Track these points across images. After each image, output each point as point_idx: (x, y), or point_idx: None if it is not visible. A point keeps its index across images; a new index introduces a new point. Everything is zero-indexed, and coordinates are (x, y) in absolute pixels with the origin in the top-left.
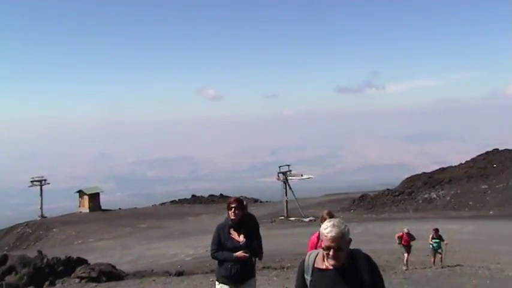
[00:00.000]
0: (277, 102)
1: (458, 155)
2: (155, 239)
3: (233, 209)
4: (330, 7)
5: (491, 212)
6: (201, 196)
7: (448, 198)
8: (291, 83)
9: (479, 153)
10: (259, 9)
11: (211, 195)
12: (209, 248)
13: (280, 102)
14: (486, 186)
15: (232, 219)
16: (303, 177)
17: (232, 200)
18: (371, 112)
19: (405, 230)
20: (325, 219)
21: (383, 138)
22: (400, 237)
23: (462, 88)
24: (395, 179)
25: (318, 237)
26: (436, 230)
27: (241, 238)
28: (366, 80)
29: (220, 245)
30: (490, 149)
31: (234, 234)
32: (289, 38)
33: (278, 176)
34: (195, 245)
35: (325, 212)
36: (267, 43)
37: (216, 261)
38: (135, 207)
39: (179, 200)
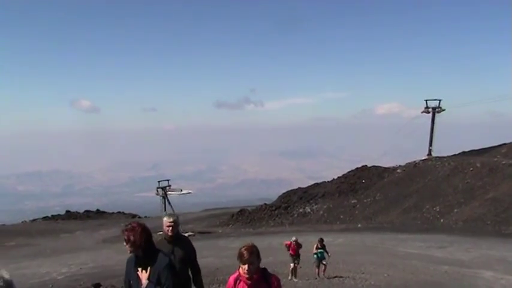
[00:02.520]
0: (156, 116)
1: (331, 170)
2: (24, 258)
3: (126, 235)
4: (208, 21)
5: (359, 225)
6: (76, 212)
7: (321, 212)
8: (170, 96)
9: (350, 169)
10: (138, 17)
11: (87, 211)
12: (84, 266)
13: (159, 115)
14: (355, 201)
15: (129, 250)
16: (182, 192)
17: (127, 228)
18: (250, 128)
19: (293, 239)
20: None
21: (262, 154)
22: (288, 246)
23: (335, 107)
24: (272, 193)
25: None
26: (321, 240)
27: (144, 279)
28: (244, 95)
29: (129, 285)
30: (359, 165)
31: (140, 272)
32: (168, 48)
33: (157, 190)
34: (68, 263)
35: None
36: (145, 53)
37: None
38: (3, 224)
39: (52, 216)
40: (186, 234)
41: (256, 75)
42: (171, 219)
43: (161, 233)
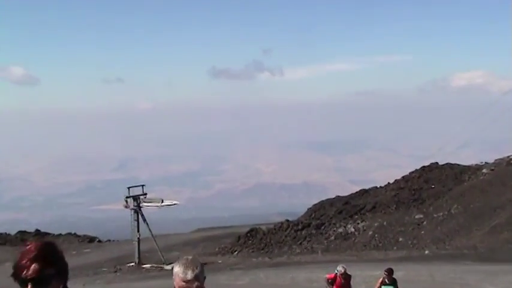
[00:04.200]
0: (124, 90)
1: (384, 170)
2: None
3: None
4: None
5: (426, 252)
6: (5, 233)
7: (371, 232)
8: (144, 61)
9: (412, 169)
10: None
11: (20, 232)
12: None
13: (128, 89)
14: (421, 216)
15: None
16: (164, 203)
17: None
18: (263, 107)
19: (340, 269)
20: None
21: (281, 146)
22: (332, 280)
23: (390, 76)
24: (298, 205)
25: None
26: (390, 272)
27: None
28: (254, 59)
29: None
30: (427, 162)
31: None
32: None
33: (126, 201)
34: None
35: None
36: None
37: None
38: None
39: None
40: (170, 267)
41: (272, 29)
42: (189, 275)
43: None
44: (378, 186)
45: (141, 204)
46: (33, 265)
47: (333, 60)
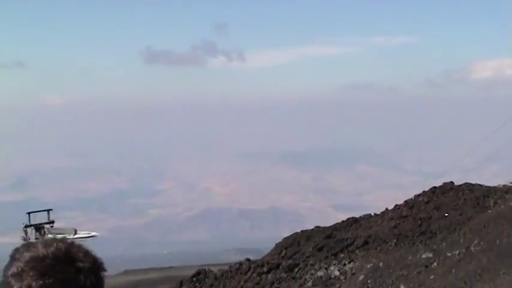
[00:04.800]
0: (25, 77)
1: (381, 193)
2: None
3: None
4: None
5: None
6: None
7: (362, 277)
8: (52, 40)
9: (419, 191)
10: None
11: None
12: None
13: (31, 76)
14: (430, 255)
15: None
16: (79, 235)
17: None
18: (217, 104)
19: None
20: None
21: (241, 157)
22: None
23: (390, 64)
24: (263, 238)
25: None
26: None
27: None
28: (203, 39)
29: None
30: (438, 182)
31: None
32: None
33: (26, 232)
34: None
35: None
36: None
37: None
38: None
39: None
40: None
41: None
42: None
43: None
44: (373, 214)
45: (46, 236)
46: None
47: (314, 42)
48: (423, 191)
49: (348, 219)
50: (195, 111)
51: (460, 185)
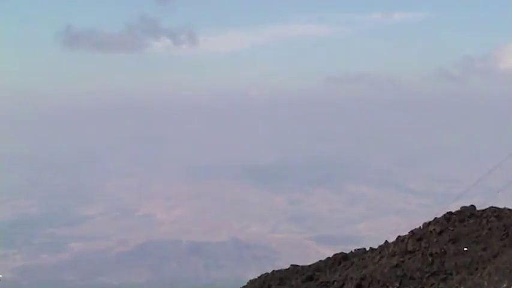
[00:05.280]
0: None
1: (379, 220)
2: None
3: None
4: None
5: None
6: None
7: None
8: None
9: (429, 217)
10: None
11: None
12: None
13: None
14: None
15: None
16: None
17: None
18: (160, 101)
19: None
20: None
21: (193, 171)
22: None
23: (389, 49)
24: (221, 279)
25: None
26: None
27: None
28: (142, 17)
29: None
30: (454, 205)
31: None
32: None
33: None
34: None
35: None
36: None
37: None
38: None
39: None
40: None
41: None
42: None
43: None
44: (368, 249)
45: None
46: None
47: (290, 20)
48: (435, 218)
49: (334, 255)
50: (131, 111)
51: (484, 210)
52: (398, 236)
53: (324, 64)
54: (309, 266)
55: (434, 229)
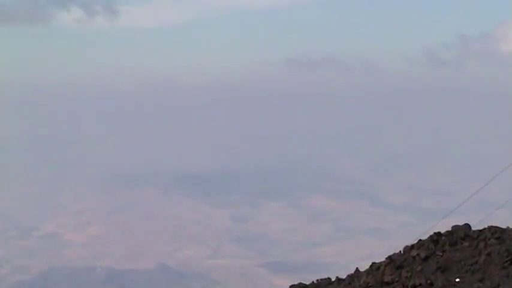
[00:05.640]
0: None
1: (349, 241)
2: None
3: None
4: None
5: None
6: None
7: None
8: None
9: (411, 239)
10: None
11: None
12: None
13: None
14: None
15: None
16: None
17: None
18: (67, 90)
19: None
20: None
21: (109, 180)
22: None
23: (365, 28)
24: None
25: None
26: None
27: None
28: None
29: None
30: (442, 222)
31: None
32: None
33: None
34: None
35: None
36: None
37: None
38: None
39: None
40: None
41: None
42: None
43: None
44: (333, 280)
45: None
46: None
47: None
48: (419, 240)
49: (291, 286)
50: (30, 101)
51: (481, 230)
52: (373, 263)
53: (280, 44)
54: None
55: (418, 254)
